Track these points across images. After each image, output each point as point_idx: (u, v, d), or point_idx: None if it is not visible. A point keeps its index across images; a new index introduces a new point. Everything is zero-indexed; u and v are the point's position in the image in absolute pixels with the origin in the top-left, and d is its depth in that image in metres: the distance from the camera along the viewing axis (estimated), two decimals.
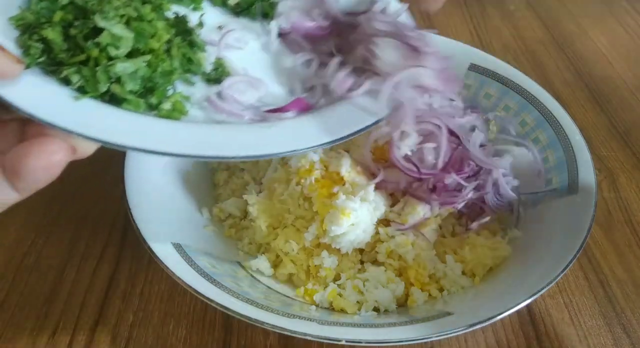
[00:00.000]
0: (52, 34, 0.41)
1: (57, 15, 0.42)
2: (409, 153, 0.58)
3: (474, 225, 0.61)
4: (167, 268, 0.51)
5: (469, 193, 0.60)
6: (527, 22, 1.14)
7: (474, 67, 0.76)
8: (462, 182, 0.59)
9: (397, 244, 0.58)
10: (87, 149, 0.37)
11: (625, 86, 0.96)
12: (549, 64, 1.02)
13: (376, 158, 0.61)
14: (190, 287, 0.49)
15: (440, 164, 0.59)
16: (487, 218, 0.61)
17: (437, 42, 0.77)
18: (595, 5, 1.20)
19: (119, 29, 0.41)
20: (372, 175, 0.60)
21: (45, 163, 0.34)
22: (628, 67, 1.01)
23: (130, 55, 0.42)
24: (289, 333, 0.47)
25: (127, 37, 0.41)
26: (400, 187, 0.60)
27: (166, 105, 0.44)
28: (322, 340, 0.48)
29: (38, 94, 0.38)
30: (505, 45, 1.06)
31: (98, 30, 0.41)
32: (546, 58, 1.03)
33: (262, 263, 0.61)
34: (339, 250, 0.58)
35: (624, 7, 1.20)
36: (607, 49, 1.06)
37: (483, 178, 0.61)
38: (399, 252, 0.59)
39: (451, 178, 0.59)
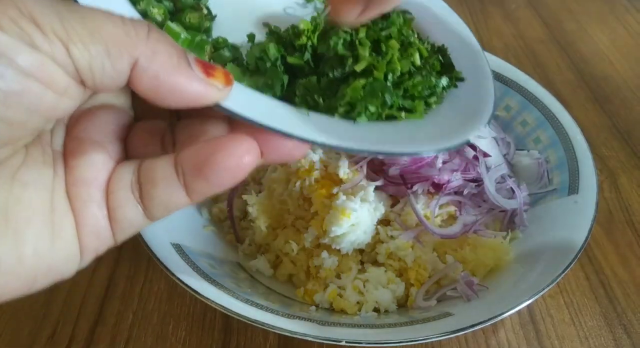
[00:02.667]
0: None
1: None
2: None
3: (476, 225, 0.61)
4: (167, 268, 0.50)
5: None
6: (527, 21, 1.14)
7: None
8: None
9: (397, 247, 0.58)
10: (276, 154, 0.34)
11: (626, 86, 0.96)
12: (550, 63, 1.01)
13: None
14: (190, 287, 0.49)
15: None
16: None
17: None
18: (596, 4, 1.19)
19: None
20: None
21: (237, 163, 0.31)
22: (629, 66, 1.01)
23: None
24: (288, 334, 0.47)
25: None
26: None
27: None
28: (322, 341, 0.48)
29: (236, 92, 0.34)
30: (506, 44, 1.06)
31: None
32: (547, 57, 1.03)
33: (261, 263, 0.61)
34: (339, 250, 0.58)
35: (624, 6, 1.19)
36: (608, 48, 1.06)
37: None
38: (399, 254, 0.59)
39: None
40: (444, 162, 0.61)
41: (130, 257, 0.65)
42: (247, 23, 0.49)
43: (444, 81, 0.47)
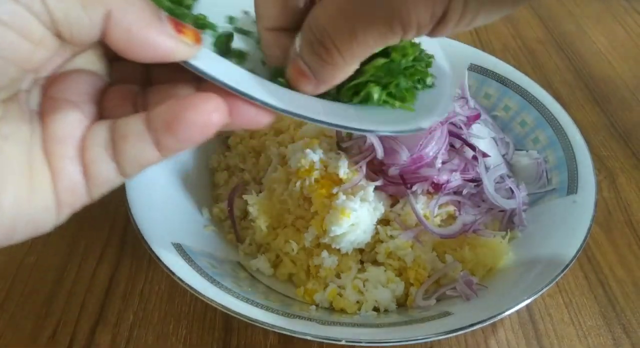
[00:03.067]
0: None
1: None
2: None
3: (475, 225, 0.61)
4: (167, 268, 0.51)
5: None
6: (526, 21, 1.14)
7: (473, 67, 0.77)
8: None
9: (397, 246, 0.58)
10: (240, 119, 0.35)
11: (625, 86, 0.97)
12: (549, 63, 1.02)
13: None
14: (190, 287, 0.49)
15: None
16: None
17: (437, 42, 0.78)
18: (595, 5, 1.20)
19: None
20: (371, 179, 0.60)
21: (205, 119, 0.32)
22: (628, 66, 1.01)
23: None
24: (289, 333, 0.48)
25: None
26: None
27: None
28: (322, 340, 0.48)
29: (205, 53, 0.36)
30: (504, 45, 1.06)
31: None
32: (546, 58, 1.03)
33: (262, 263, 0.61)
34: (339, 250, 0.58)
35: (623, 6, 1.20)
36: (607, 49, 1.06)
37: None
38: (399, 254, 0.59)
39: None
40: (444, 162, 0.61)
41: (131, 256, 0.65)
42: (229, 7, 0.50)
43: (429, 79, 0.48)
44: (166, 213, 0.59)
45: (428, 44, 0.49)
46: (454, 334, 0.48)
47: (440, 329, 0.48)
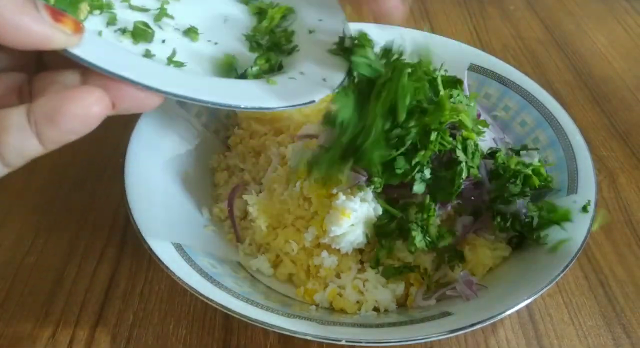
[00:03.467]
0: None
1: None
2: None
3: (475, 226, 0.61)
4: (167, 268, 0.51)
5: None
6: (526, 21, 1.14)
7: (473, 67, 0.77)
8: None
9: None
10: (128, 104, 0.36)
11: (625, 86, 0.96)
12: (549, 63, 1.02)
13: None
14: (190, 287, 0.49)
15: None
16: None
17: (436, 42, 0.78)
18: (595, 5, 1.20)
19: None
20: None
21: (85, 112, 0.32)
22: (628, 66, 1.01)
23: None
24: (289, 333, 0.48)
25: None
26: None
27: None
28: (322, 340, 0.48)
29: (88, 40, 0.36)
30: (505, 45, 1.06)
31: None
32: (546, 58, 1.03)
33: (262, 263, 0.61)
34: (338, 250, 0.58)
35: (623, 6, 1.19)
36: (607, 49, 1.06)
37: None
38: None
39: None
40: None
41: (131, 256, 0.65)
42: None
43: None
44: (166, 213, 0.59)
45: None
46: (454, 334, 0.48)
47: (440, 329, 0.48)
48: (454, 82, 0.60)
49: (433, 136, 0.54)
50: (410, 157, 0.55)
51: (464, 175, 0.57)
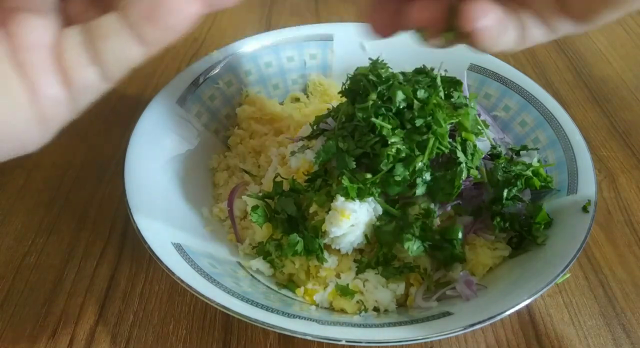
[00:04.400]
0: None
1: None
2: None
3: (474, 226, 0.61)
4: (167, 268, 0.51)
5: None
6: None
7: (473, 67, 0.77)
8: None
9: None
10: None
11: (625, 86, 0.96)
12: (549, 63, 1.02)
13: None
14: (190, 287, 0.49)
15: None
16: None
17: None
18: None
19: None
20: None
21: (184, 6, 0.31)
22: (628, 67, 1.01)
23: None
24: (289, 333, 0.47)
25: None
26: None
27: None
28: (322, 340, 0.48)
29: None
30: None
31: None
32: (546, 58, 1.03)
33: (261, 263, 0.61)
34: (338, 250, 0.58)
35: None
36: (607, 49, 1.06)
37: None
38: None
39: None
40: None
41: (131, 257, 0.65)
42: None
43: None
44: (166, 213, 0.59)
45: None
46: (454, 334, 0.48)
47: (440, 329, 0.48)
48: (453, 83, 0.60)
49: (430, 142, 0.54)
50: (408, 163, 0.55)
51: (464, 175, 0.57)
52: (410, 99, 0.55)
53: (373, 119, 0.55)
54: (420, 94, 0.56)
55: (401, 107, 0.55)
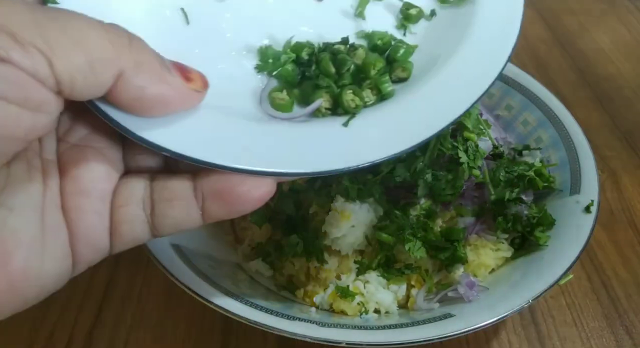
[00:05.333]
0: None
1: None
2: None
3: (476, 227, 0.61)
4: (166, 269, 0.50)
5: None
6: (529, 21, 1.13)
7: None
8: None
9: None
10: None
11: (628, 85, 0.96)
12: (552, 62, 1.01)
13: None
14: (189, 288, 0.49)
15: None
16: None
17: None
18: (598, 4, 1.19)
19: None
20: None
21: (259, 194, 0.31)
22: (631, 66, 1.01)
23: None
24: (288, 336, 0.47)
25: None
26: None
27: None
28: (322, 342, 0.48)
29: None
30: None
31: None
32: (548, 57, 1.03)
33: (261, 264, 0.60)
34: (339, 251, 0.58)
35: (626, 6, 1.19)
36: (610, 48, 1.05)
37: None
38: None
39: None
40: None
41: (130, 258, 0.65)
42: None
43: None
44: None
45: None
46: (456, 336, 0.48)
47: (441, 331, 0.48)
48: None
49: (431, 143, 0.54)
50: (409, 164, 0.55)
51: (466, 176, 0.56)
52: None
53: None
54: None
55: None
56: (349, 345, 0.47)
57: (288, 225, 0.59)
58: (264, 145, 0.35)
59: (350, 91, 0.41)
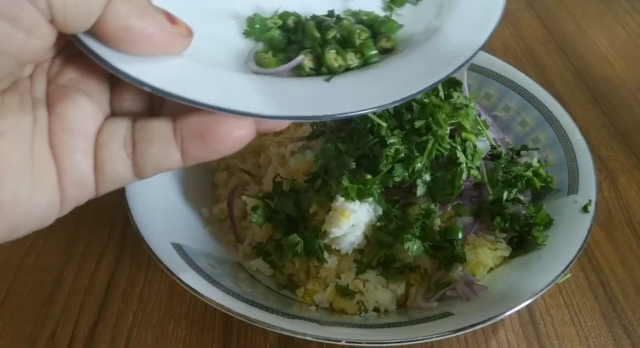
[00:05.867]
0: None
1: None
2: None
3: (475, 227, 0.61)
4: (167, 268, 0.50)
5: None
6: (527, 22, 1.14)
7: (473, 67, 0.76)
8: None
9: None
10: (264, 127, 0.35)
11: (625, 86, 0.96)
12: (549, 63, 1.01)
13: None
14: (190, 287, 0.49)
15: None
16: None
17: None
18: (595, 5, 1.20)
19: None
20: None
21: (235, 134, 0.32)
22: (628, 66, 1.01)
23: None
24: (288, 334, 0.47)
25: None
26: None
27: None
28: (322, 341, 0.48)
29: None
30: (505, 45, 1.06)
31: None
32: (546, 58, 1.03)
33: (261, 263, 0.61)
34: (338, 250, 0.58)
35: (623, 6, 1.19)
36: (607, 49, 1.06)
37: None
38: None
39: None
40: None
41: (131, 257, 0.65)
42: None
43: None
44: (165, 214, 0.59)
45: None
46: (455, 335, 0.48)
47: (440, 330, 0.48)
48: (453, 83, 0.60)
49: (430, 143, 0.54)
50: (407, 164, 0.55)
51: (464, 176, 0.57)
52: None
53: (370, 116, 0.55)
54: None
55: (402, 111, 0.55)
56: (349, 344, 0.47)
57: (288, 225, 0.59)
58: (246, 89, 0.36)
59: (334, 50, 0.42)
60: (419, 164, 0.55)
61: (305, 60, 0.41)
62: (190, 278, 0.51)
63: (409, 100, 0.46)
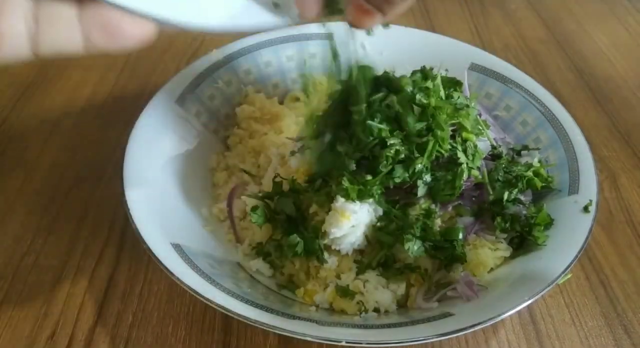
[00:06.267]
0: None
1: None
2: None
3: (475, 227, 0.61)
4: (166, 268, 0.50)
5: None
6: (528, 21, 1.14)
7: (474, 67, 0.76)
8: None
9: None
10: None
11: (626, 86, 0.96)
12: (550, 63, 1.01)
13: None
14: (190, 287, 0.49)
15: None
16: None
17: (437, 41, 0.78)
18: (596, 5, 1.19)
19: None
20: None
21: (140, 33, 0.33)
22: (629, 66, 1.01)
23: None
24: (288, 334, 0.47)
25: None
26: None
27: None
28: (322, 341, 0.48)
29: None
30: (506, 44, 1.06)
31: None
32: (547, 57, 1.03)
33: (261, 264, 0.60)
34: (339, 251, 0.58)
35: (624, 6, 1.19)
36: (608, 49, 1.06)
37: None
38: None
39: None
40: None
41: (130, 257, 0.65)
42: None
43: None
44: (165, 214, 0.59)
45: None
46: (455, 335, 0.48)
47: (441, 330, 0.48)
48: (453, 83, 0.60)
49: (430, 145, 0.54)
50: (407, 165, 0.55)
51: (465, 176, 0.57)
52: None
53: (369, 122, 0.54)
54: (419, 97, 0.55)
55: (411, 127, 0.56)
56: (349, 344, 0.47)
57: (288, 225, 0.59)
58: None
59: None
60: (419, 165, 0.55)
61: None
62: (190, 279, 0.51)
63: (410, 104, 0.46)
